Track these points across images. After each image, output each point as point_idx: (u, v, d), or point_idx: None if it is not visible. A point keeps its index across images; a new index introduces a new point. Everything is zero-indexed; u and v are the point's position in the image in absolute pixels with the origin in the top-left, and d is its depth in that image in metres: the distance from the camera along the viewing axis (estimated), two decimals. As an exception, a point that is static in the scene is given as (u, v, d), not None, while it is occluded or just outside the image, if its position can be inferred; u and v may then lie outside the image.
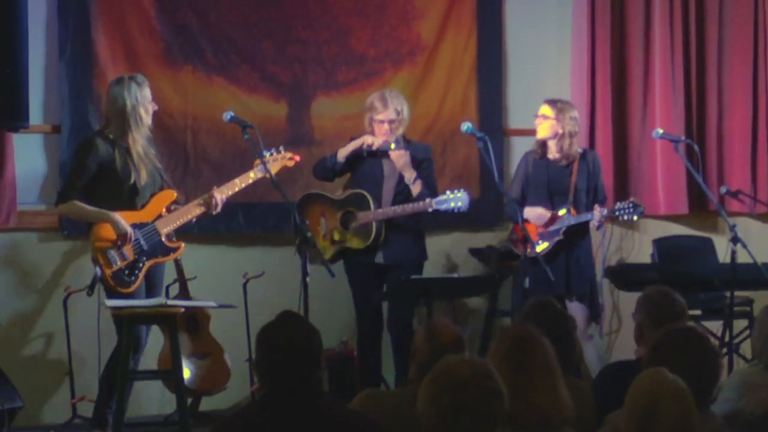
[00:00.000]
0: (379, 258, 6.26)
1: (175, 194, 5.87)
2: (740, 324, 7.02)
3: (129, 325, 5.42)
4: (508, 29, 7.45)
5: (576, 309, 6.34)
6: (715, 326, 7.09)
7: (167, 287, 6.31)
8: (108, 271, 5.66)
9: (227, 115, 5.92)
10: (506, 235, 7.06)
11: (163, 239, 5.77)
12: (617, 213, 6.42)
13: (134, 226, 5.69)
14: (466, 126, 6.16)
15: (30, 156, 6.46)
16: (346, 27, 7.06)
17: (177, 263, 6.26)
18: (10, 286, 6.42)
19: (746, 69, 7.78)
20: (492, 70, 7.38)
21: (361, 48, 7.08)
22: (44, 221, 6.45)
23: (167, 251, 5.82)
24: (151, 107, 5.78)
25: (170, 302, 5.64)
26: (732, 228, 6.30)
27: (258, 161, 5.87)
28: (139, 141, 5.71)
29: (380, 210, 6.21)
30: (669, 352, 3.54)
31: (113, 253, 5.66)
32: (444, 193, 6.15)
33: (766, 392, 4.06)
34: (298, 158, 6.06)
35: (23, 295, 6.46)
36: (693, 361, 3.48)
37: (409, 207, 6.17)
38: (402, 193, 6.25)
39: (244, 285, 6.59)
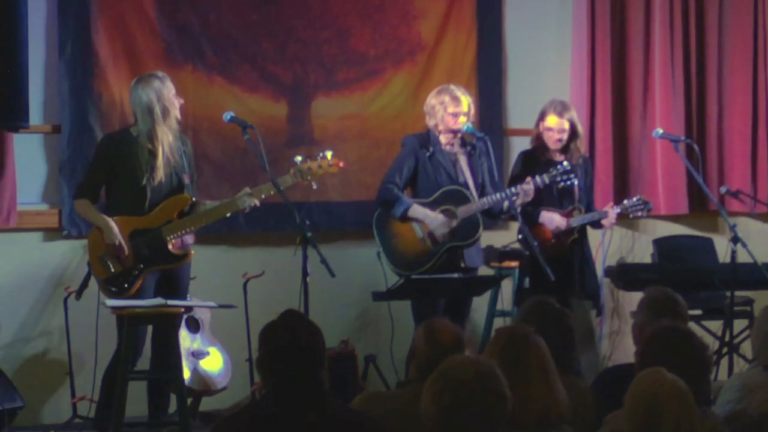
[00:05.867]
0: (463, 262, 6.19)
1: (190, 200, 5.73)
2: (740, 324, 7.02)
3: (129, 325, 5.42)
4: (508, 29, 7.45)
5: (585, 308, 6.42)
6: (715, 326, 7.10)
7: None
8: (102, 277, 5.61)
9: (227, 115, 5.91)
10: (506, 235, 7.08)
11: (169, 246, 5.65)
12: (629, 210, 6.48)
13: (137, 232, 5.59)
14: (466, 126, 6.16)
15: (30, 156, 6.46)
16: (346, 27, 7.06)
17: None
18: (10, 286, 6.42)
19: (746, 69, 7.79)
20: (492, 70, 7.38)
21: (361, 48, 7.09)
22: (44, 221, 6.44)
23: (171, 259, 5.67)
24: (177, 101, 5.70)
25: (170, 302, 5.63)
26: (732, 228, 6.31)
27: (294, 168, 5.71)
28: (168, 135, 5.62)
29: (484, 199, 6.14)
30: (657, 351, 3.55)
31: (109, 260, 5.59)
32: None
33: (766, 393, 4.07)
34: (342, 164, 5.82)
35: (23, 295, 6.46)
36: (681, 357, 3.49)
37: (518, 187, 6.10)
38: (479, 188, 6.23)
39: (244, 285, 6.59)
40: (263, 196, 5.76)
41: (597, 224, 6.55)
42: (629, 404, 3.18)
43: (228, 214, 5.79)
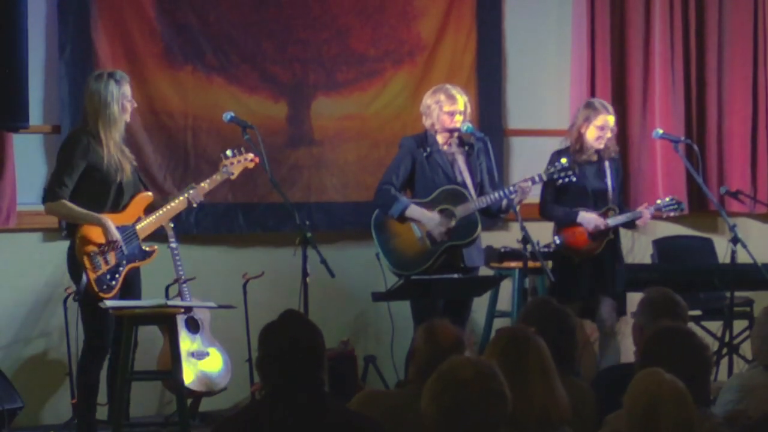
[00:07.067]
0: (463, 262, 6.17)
1: (152, 197, 5.74)
2: (740, 324, 7.02)
3: (129, 325, 5.42)
4: (508, 29, 7.45)
5: (610, 306, 6.42)
6: (715, 326, 7.11)
7: (167, 287, 6.32)
8: (92, 276, 5.52)
9: (227, 116, 5.92)
10: (506, 235, 7.08)
11: (141, 243, 5.64)
12: (663, 210, 6.51)
13: (117, 228, 5.54)
14: (466, 126, 6.15)
15: (30, 156, 6.46)
16: (346, 27, 7.06)
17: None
18: (10, 286, 6.42)
19: (746, 69, 7.80)
20: (492, 70, 7.39)
21: (361, 48, 7.09)
22: (44, 221, 6.42)
23: (144, 255, 5.65)
24: (129, 105, 5.62)
25: (170, 302, 5.63)
26: (732, 228, 6.31)
27: (223, 162, 5.82)
28: (115, 139, 5.57)
29: (482, 198, 6.12)
30: (657, 352, 3.55)
31: (99, 258, 5.54)
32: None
33: (766, 393, 4.07)
34: (257, 160, 5.85)
35: (23, 295, 6.46)
36: (681, 358, 3.49)
37: (516, 185, 6.09)
38: (477, 187, 6.22)
39: (244, 285, 6.59)
40: (207, 188, 5.78)
41: (630, 224, 6.56)
42: (627, 405, 3.18)
43: (181, 210, 5.77)
